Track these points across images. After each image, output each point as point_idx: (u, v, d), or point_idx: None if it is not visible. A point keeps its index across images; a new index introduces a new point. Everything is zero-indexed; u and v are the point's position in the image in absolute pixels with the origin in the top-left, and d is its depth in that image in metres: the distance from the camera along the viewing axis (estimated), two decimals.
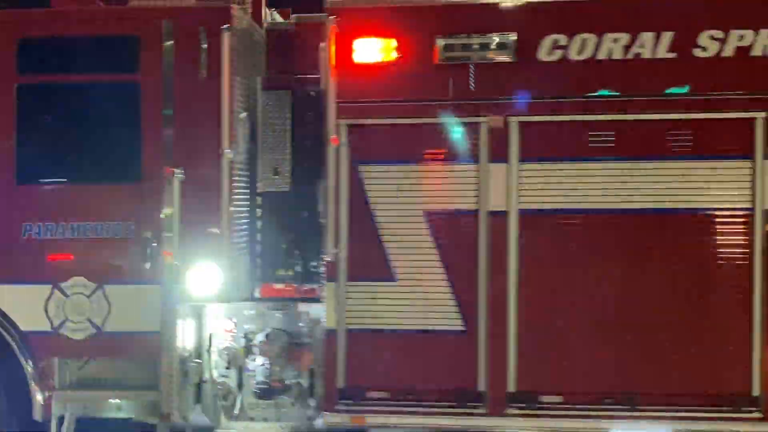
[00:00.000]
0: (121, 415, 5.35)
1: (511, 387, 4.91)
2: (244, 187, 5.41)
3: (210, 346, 5.40)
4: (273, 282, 5.44)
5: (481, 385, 4.93)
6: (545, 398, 4.90)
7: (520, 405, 4.91)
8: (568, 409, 4.89)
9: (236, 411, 5.42)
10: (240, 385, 5.33)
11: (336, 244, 4.98)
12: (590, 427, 4.97)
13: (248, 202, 5.43)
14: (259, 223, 5.47)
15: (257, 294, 5.48)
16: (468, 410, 4.95)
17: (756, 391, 4.74)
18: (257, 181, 5.39)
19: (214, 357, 5.36)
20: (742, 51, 4.76)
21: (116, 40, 5.13)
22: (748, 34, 4.75)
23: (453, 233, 4.97)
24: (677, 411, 4.80)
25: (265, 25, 5.72)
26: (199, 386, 5.39)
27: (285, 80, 5.31)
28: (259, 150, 5.35)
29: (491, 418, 4.95)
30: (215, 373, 5.38)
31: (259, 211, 5.46)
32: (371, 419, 5.04)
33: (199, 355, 5.39)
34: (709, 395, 4.79)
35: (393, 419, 5.04)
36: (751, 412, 4.75)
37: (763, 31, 4.74)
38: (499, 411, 4.92)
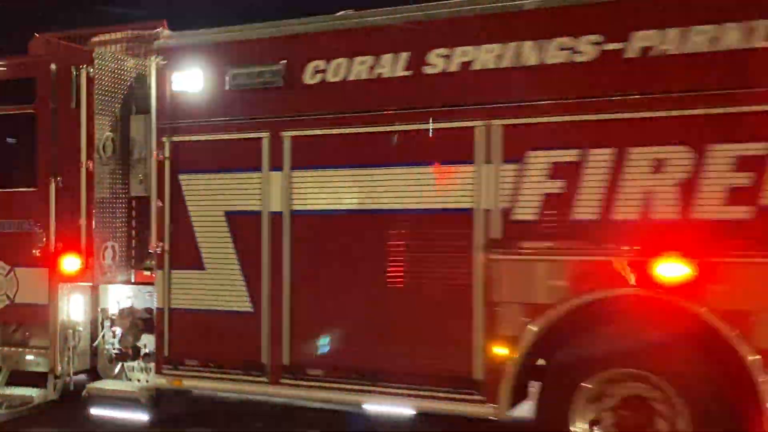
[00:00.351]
0: (40, 369, 6.91)
1: (286, 360, 5.83)
2: (122, 193, 6.78)
3: (101, 319, 6.85)
4: (143, 270, 6.79)
5: (264, 358, 5.90)
6: (311, 371, 5.76)
7: (291, 376, 5.81)
8: (328, 382, 5.71)
9: (116, 371, 6.86)
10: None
11: (161, 239, 6.21)
12: (347, 399, 5.76)
13: (125, 205, 6.79)
14: (134, 222, 6.84)
15: (133, 279, 6.87)
16: (254, 378, 5.95)
17: (478, 375, 5.25)
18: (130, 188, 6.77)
19: (104, 328, 6.80)
20: (465, 66, 5.28)
21: (20, 82, 6.72)
22: (470, 50, 5.26)
23: (245, 231, 5.98)
24: (416, 390, 5.45)
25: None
26: (95, 350, 6.88)
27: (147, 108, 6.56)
28: (130, 163, 6.70)
29: (270, 386, 5.92)
30: (106, 340, 6.81)
31: (134, 212, 6.84)
32: (186, 382, 6.21)
33: (93, 325, 6.88)
34: (440, 377, 5.37)
35: (202, 383, 6.18)
36: (472, 394, 5.27)
37: (485, 46, 5.23)
38: (276, 380, 5.87)
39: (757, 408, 4.54)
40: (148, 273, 6.69)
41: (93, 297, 6.84)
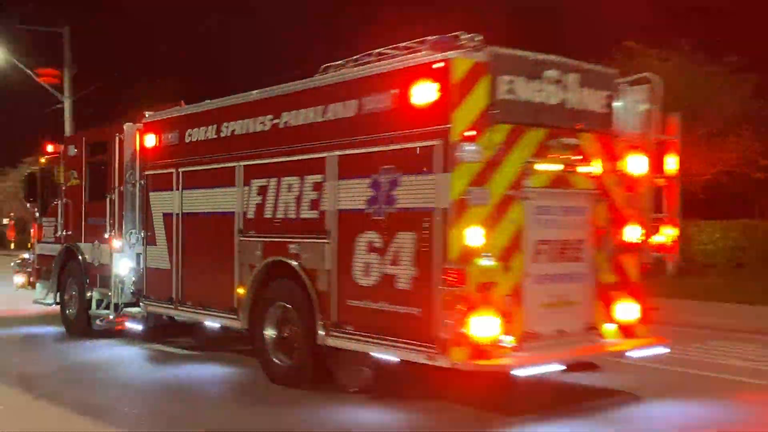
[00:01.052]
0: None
1: (179, 296, 10.51)
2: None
3: None
4: None
5: (173, 294, 10.57)
6: (187, 302, 10.40)
7: (181, 305, 10.49)
8: (193, 308, 10.32)
9: None
10: None
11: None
12: (197, 318, 10.43)
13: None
14: None
15: None
16: (169, 306, 10.70)
17: (234, 304, 9.46)
18: None
19: None
20: (231, 131, 9.58)
21: (100, 144, 12.46)
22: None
23: (167, 223, 10.79)
24: (214, 312, 10.00)
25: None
26: None
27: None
28: None
29: (175, 310, 10.70)
30: None
31: None
32: (150, 309, 11.15)
33: None
34: (222, 305, 9.76)
35: (155, 309, 11.10)
36: (233, 315, 9.48)
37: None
38: (176, 307, 10.59)
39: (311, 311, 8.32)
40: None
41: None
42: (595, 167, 7.86)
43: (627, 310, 7.97)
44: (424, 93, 7.15)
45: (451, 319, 6.82)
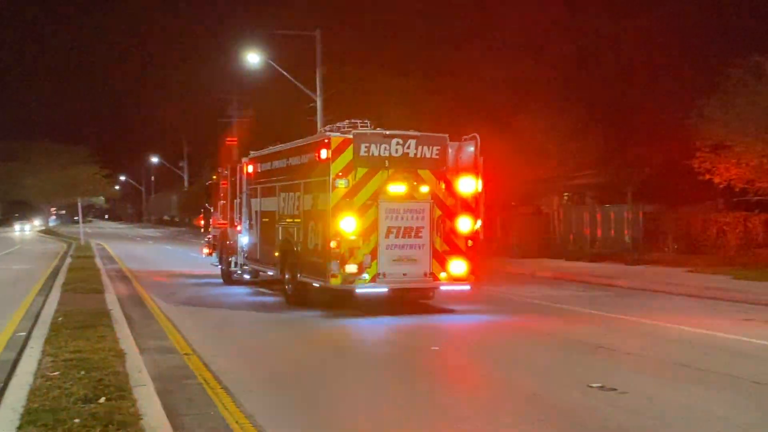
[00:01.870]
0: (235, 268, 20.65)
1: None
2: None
3: None
4: None
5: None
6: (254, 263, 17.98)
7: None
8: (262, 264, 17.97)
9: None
10: None
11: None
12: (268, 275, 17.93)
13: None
14: None
15: None
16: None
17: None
18: None
19: None
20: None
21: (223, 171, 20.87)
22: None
23: (261, 218, 18.57)
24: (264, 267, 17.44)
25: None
26: None
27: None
28: None
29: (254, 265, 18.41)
30: None
31: None
32: (252, 266, 19.13)
33: None
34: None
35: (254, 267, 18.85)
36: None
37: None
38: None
39: (295, 264, 15.60)
40: None
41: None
42: (430, 188, 13.90)
43: (455, 266, 13.86)
44: (322, 154, 13.70)
45: (332, 265, 13.32)
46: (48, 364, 8.27)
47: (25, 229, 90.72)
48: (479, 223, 14.07)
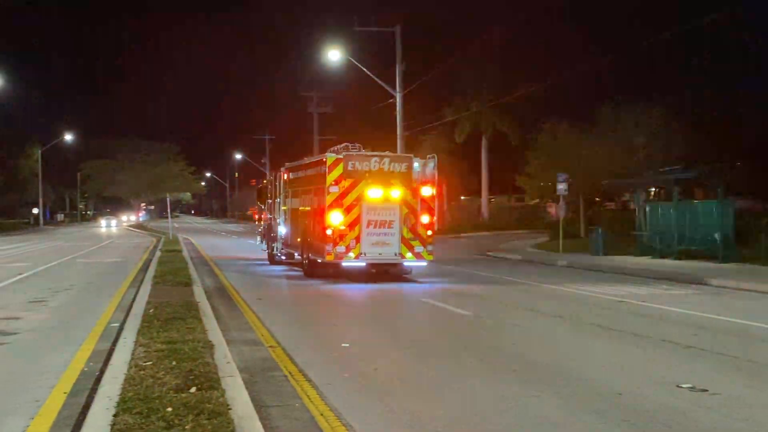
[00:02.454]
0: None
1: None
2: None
3: None
4: None
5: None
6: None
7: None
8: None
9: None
10: None
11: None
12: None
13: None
14: None
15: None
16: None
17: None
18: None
19: None
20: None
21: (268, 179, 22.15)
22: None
23: (293, 215, 20.29)
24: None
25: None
26: None
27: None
28: None
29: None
30: None
31: None
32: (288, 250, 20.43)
33: None
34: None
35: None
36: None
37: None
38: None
39: (308, 247, 20.96)
40: None
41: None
42: (400, 192, 18.81)
43: (418, 248, 18.82)
44: (323, 168, 18.89)
45: (327, 246, 18.41)
46: (141, 355, 8.58)
47: (111, 225, 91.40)
48: (435, 218, 19.53)
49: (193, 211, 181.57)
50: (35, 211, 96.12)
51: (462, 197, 60.63)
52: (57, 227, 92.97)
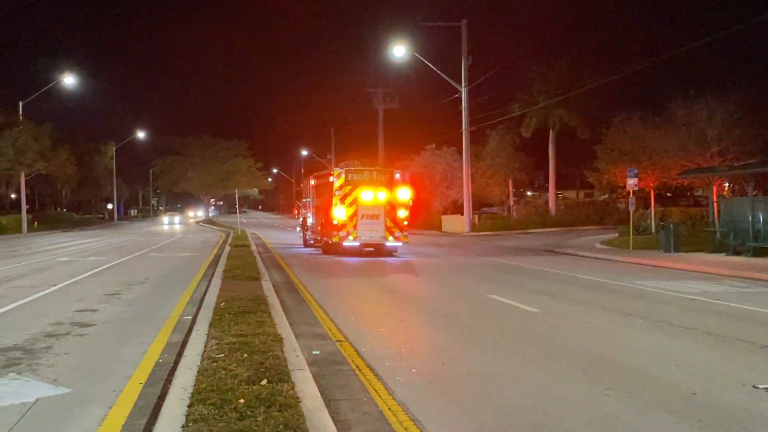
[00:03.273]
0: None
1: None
2: None
3: None
4: None
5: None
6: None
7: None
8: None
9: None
10: None
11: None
12: None
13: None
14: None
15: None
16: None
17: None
18: None
19: None
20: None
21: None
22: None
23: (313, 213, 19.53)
24: None
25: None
26: None
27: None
28: None
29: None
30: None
31: None
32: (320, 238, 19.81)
33: None
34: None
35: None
36: None
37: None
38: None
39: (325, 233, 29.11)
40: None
41: None
42: (385, 195, 27.31)
43: (396, 234, 27.41)
44: (330, 178, 27.89)
45: (334, 232, 27.22)
46: (213, 347, 8.78)
47: (175, 222, 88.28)
48: (408, 213, 28.13)
49: (260, 207, 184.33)
50: (109, 206, 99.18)
51: (528, 193, 59.95)
52: (130, 222, 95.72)
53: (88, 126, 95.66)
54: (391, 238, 27.08)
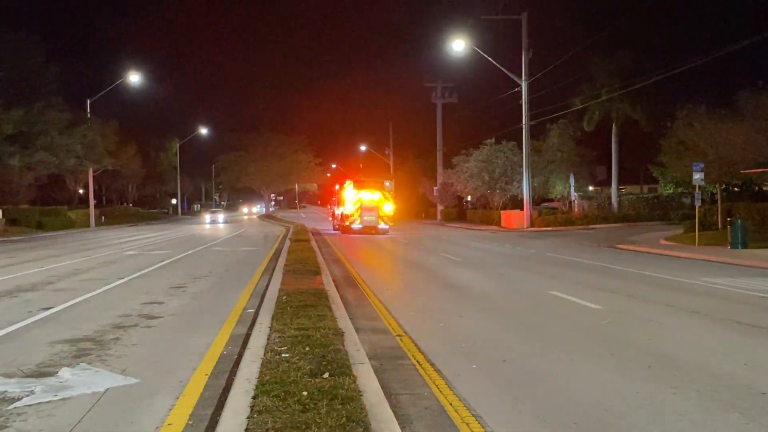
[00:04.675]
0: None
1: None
2: None
3: None
4: None
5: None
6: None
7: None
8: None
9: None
10: None
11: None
12: None
13: None
14: None
15: None
16: None
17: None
18: None
19: None
20: None
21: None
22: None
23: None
24: None
25: None
26: None
27: None
28: None
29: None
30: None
31: None
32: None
33: None
34: None
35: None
36: None
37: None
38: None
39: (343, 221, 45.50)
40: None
41: None
42: (379, 196, 44.13)
43: (386, 221, 44.44)
44: (344, 185, 46.62)
45: (346, 220, 44.67)
46: (276, 340, 8.92)
47: (218, 220, 76.05)
48: (393, 207, 45.20)
49: (318, 201, 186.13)
50: (174, 201, 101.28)
51: (590, 188, 59.05)
52: (193, 216, 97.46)
53: (152, 123, 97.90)
54: (382, 223, 44.13)
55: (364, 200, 43.41)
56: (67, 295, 14.80)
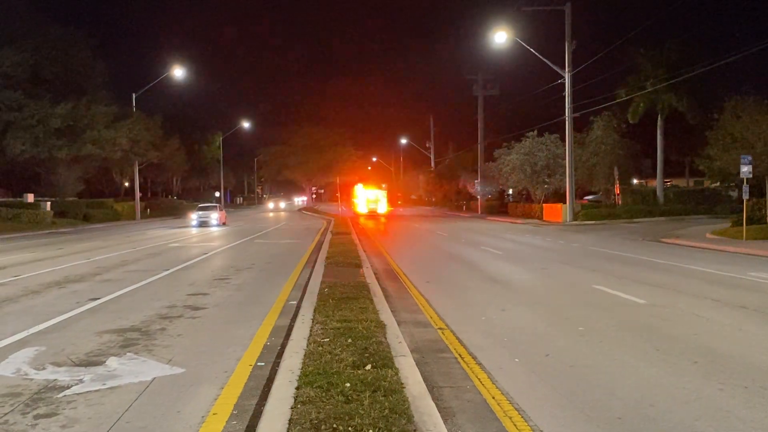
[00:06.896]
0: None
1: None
2: None
3: None
4: None
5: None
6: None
7: None
8: None
9: None
10: None
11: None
12: None
13: None
14: None
15: None
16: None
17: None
18: None
19: None
20: None
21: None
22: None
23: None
24: None
25: None
26: None
27: None
28: None
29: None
30: None
31: None
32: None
33: None
34: None
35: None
36: None
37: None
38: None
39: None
40: None
41: None
42: (377, 195, 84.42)
43: (381, 209, 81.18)
44: (357, 186, 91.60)
45: (357, 209, 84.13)
46: (318, 331, 8.99)
47: (210, 223, 47.53)
48: (386, 200, 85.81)
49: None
50: (217, 194, 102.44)
51: (634, 181, 58.18)
52: (236, 209, 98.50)
53: (196, 117, 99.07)
54: (379, 208, 76.55)
55: (368, 196, 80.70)
56: (114, 285, 15.10)
